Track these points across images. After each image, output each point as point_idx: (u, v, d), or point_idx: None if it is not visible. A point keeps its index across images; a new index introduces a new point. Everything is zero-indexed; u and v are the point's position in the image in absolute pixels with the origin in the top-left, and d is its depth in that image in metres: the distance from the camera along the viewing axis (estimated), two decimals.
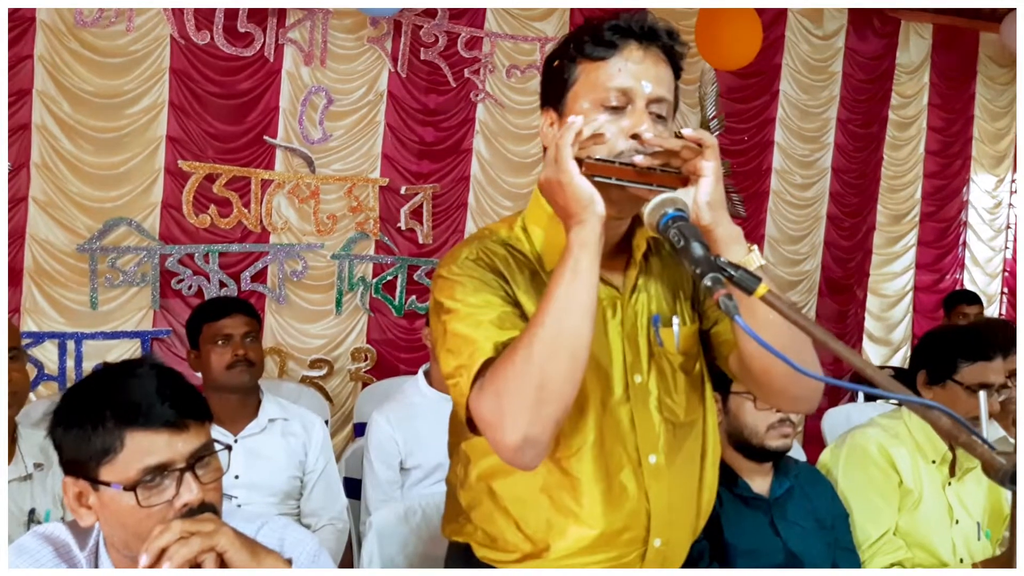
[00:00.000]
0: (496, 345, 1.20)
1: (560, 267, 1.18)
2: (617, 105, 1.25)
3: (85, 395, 1.26)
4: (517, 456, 1.16)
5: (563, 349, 1.14)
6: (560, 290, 1.16)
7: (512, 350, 1.16)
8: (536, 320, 1.16)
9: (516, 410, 1.13)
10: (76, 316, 3.74)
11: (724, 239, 1.22)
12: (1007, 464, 0.97)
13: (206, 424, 1.28)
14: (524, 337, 1.16)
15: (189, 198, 3.88)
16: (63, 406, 1.26)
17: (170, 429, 1.22)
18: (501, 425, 1.14)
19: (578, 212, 1.18)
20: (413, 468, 2.73)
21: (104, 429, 1.21)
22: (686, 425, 1.40)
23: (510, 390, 1.14)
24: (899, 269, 5.70)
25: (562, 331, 1.14)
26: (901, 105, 5.53)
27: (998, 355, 2.02)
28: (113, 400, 1.22)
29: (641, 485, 1.34)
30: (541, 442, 1.16)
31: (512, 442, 1.14)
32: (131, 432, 1.21)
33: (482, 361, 1.19)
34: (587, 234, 1.18)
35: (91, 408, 1.23)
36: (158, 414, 1.21)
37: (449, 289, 1.29)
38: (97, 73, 3.69)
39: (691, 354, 1.41)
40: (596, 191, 1.18)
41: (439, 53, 4.31)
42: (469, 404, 1.19)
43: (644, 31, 1.27)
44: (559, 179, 1.19)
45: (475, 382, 1.19)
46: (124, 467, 1.20)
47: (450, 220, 4.45)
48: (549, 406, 1.14)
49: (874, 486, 2.03)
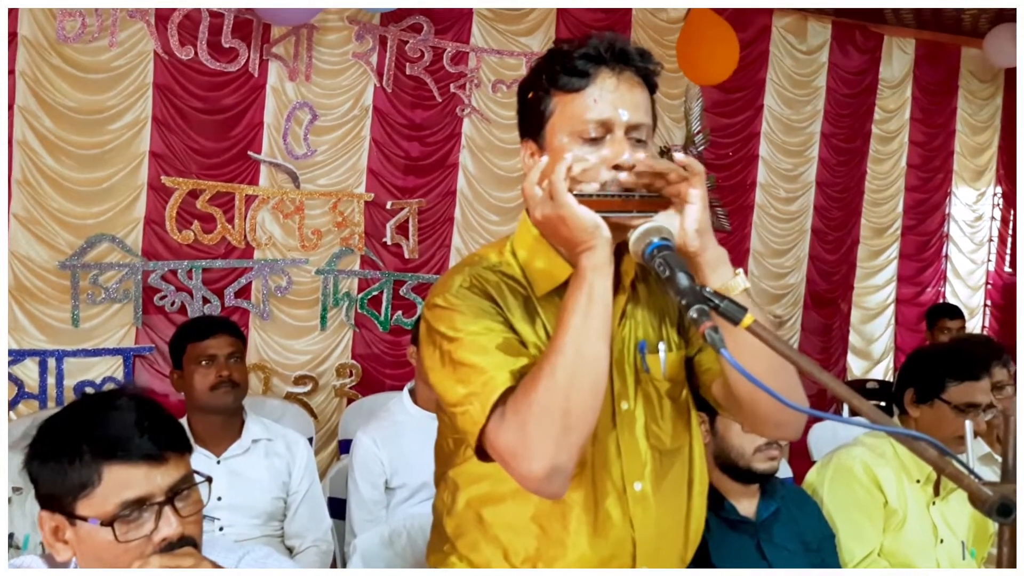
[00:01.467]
0: (512, 373, 1.20)
1: (575, 293, 1.19)
2: (596, 136, 1.25)
3: (62, 427, 1.24)
4: (544, 485, 1.17)
5: (585, 376, 1.16)
6: (577, 317, 1.17)
7: (533, 379, 1.16)
8: (555, 347, 1.16)
9: (542, 439, 1.14)
10: (57, 333, 3.70)
11: (711, 263, 1.24)
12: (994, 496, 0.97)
13: (186, 456, 1.26)
14: (545, 365, 1.16)
15: (172, 214, 3.85)
16: (39, 439, 1.24)
17: (149, 462, 1.20)
18: (527, 455, 1.15)
19: (586, 239, 1.19)
20: (398, 487, 2.70)
21: (81, 463, 1.19)
22: (672, 452, 1.39)
23: (535, 420, 1.14)
24: (881, 282, 5.73)
25: (583, 357, 1.16)
26: (884, 119, 5.58)
27: (985, 374, 2.04)
28: (90, 433, 1.20)
29: (626, 513, 1.33)
30: (567, 469, 1.17)
31: (540, 471, 1.15)
32: (108, 465, 1.19)
33: (501, 390, 1.19)
34: (598, 258, 1.19)
35: (68, 441, 1.21)
36: (136, 447, 1.19)
37: (448, 319, 1.28)
38: (79, 89, 3.66)
39: (677, 381, 1.41)
40: (599, 217, 1.18)
41: (425, 68, 4.31)
42: (486, 433, 1.19)
43: (615, 55, 1.27)
44: (559, 213, 1.19)
45: (492, 411, 1.18)
46: (102, 501, 1.18)
47: (436, 235, 4.44)
48: (574, 433, 1.15)
49: (859, 506, 2.03)
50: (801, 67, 5.25)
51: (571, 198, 1.19)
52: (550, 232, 1.25)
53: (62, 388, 3.68)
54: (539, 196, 1.23)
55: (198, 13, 3.80)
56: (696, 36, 4.25)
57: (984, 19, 5.23)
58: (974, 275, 6.05)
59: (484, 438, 1.19)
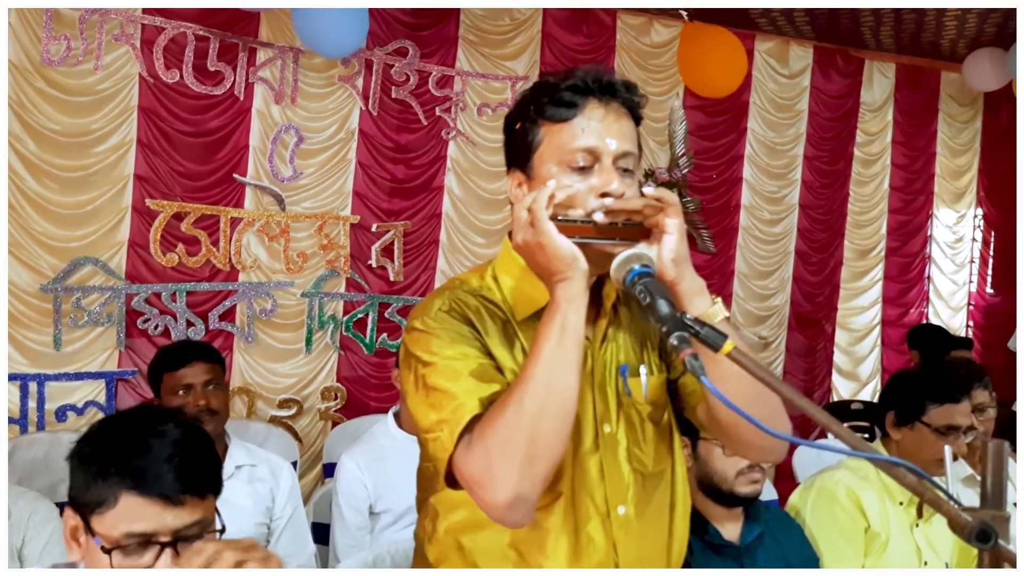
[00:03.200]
0: (481, 400, 1.20)
1: (548, 323, 1.19)
2: (584, 165, 1.27)
3: (105, 437, 1.27)
4: (507, 514, 1.16)
5: (553, 406, 1.15)
6: (549, 346, 1.17)
7: (501, 407, 1.16)
8: (525, 376, 1.16)
9: (506, 468, 1.13)
10: (39, 357, 3.66)
11: (688, 293, 1.24)
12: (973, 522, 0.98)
13: (207, 499, 1.27)
14: (514, 393, 1.16)
15: (157, 237, 3.84)
16: (87, 437, 1.27)
17: (164, 501, 1.21)
18: (491, 484, 1.14)
19: (563, 269, 1.19)
20: (383, 512, 2.69)
21: (104, 482, 1.21)
22: (655, 475, 1.39)
23: (500, 448, 1.14)
24: (866, 303, 5.77)
25: (552, 388, 1.15)
26: (866, 142, 5.64)
27: (965, 397, 2.05)
28: (123, 455, 1.23)
29: (609, 537, 1.33)
30: (531, 499, 1.16)
31: (503, 500, 1.14)
32: (127, 494, 1.21)
33: (469, 417, 1.19)
34: (574, 290, 1.19)
35: (103, 454, 1.23)
36: (157, 483, 1.21)
37: (424, 342, 1.28)
38: (64, 112, 3.65)
39: (659, 404, 1.41)
40: (577, 248, 1.19)
41: (410, 91, 4.33)
42: (454, 460, 1.19)
43: (602, 87, 1.29)
44: (538, 241, 1.20)
45: (460, 438, 1.18)
46: (112, 524, 1.21)
47: (421, 257, 4.45)
48: (539, 463, 1.15)
49: (841, 531, 2.04)
50: (784, 91, 5.31)
51: (551, 226, 1.19)
52: (529, 258, 1.25)
53: (43, 412, 3.64)
54: (522, 221, 1.24)
55: (184, 37, 3.81)
56: (699, 49, 4.26)
57: (962, 44, 5.31)
58: (956, 296, 6.10)
59: (452, 465, 1.20)
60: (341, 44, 3.81)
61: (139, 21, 3.74)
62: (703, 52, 4.28)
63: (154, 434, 1.25)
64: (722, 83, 4.41)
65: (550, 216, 1.21)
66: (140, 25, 3.75)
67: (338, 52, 3.91)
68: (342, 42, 3.79)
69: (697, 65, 4.30)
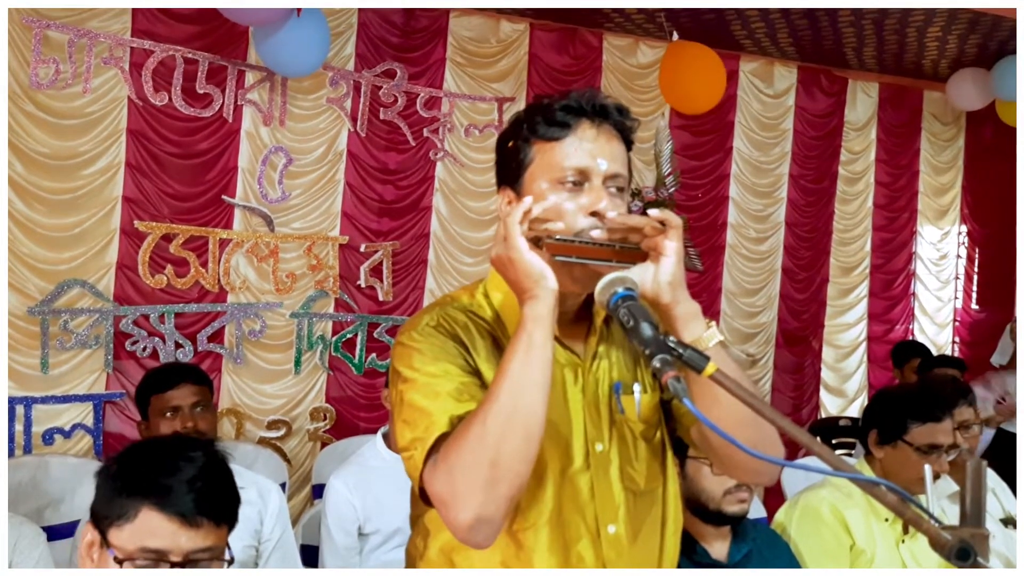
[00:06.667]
0: (452, 419, 1.20)
1: (514, 343, 1.19)
2: (575, 183, 1.28)
3: (135, 458, 1.30)
4: (470, 535, 1.16)
5: (517, 427, 1.14)
6: (514, 366, 1.17)
7: (465, 426, 1.16)
8: (490, 396, 1.16)
9: (469, 489, 1.13)
10: (26, 380, 3.64)
11: (683, 317, 1.24)
12: (952, 540, 0.99)
13: (223, 528, 1.29)
14: (478, 413, 1.16)
15: (145, 258, 3.83)
16: (118, 457, 1.31)
17: (182, 520, 1.23)
18: (454, 504, 1.14)
19: (530, 287, 1.20)
20: (372, 533, 2.68)
21: (127, 495, 1.24)
22: (647, 494, 1.39)
23: (463, 468, 1.13)
24: (852, 320, 5.81)
25: (516, 408, 1.15)
26: (850, 161, 5.69)
27: (947, 416, 2.07)
28: (148, 472, 1.26)
29: (599, 556, 1.33)
30: (495, 521, 1.15)
31: (465, 521, 1.13)
32: (147, 508, 1.23)
33: (437, 435, 1.19)
34: (540, 309, 1.19)
35: (128, 473, 1.26)
36: (177, 501, 1.23)
37: (408, 357, 1.29)
38: (53, 135, 3.66)
39: (652, 422, 1.41)
40: (547, 266, 1.20)
41: (398, 113, 4.35)
42: (423, 479, 1.19)
43: (595, 109, 1.31)
44: (509, 255, 1.21)
45: (429, 457, 1.18)
46: (129, 538, 1.23)
47: (410, 277, 4.46)
48: (502, 485, 1.13)
49: (825, 549, 2.04)
50: (768, 110, 5.37)
51: (523, 242, 1.20)
52: (502, 273, 1.26)
53: (30, 435, 3.62)
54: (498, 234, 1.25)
55: (172, 59, 3.83)
56: (679, 67, 4.31)
57: (944, 63, 5.39)
58: (941, 312, 6.15)
59: (423, 484, 1.20)
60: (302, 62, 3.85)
61: (128, 44, 3.76)
62: (683, 69, 4.32)
63: (183, 457, 1.28)
64: (702, 100, 4.45)
65: (547, 235, 1.22)
66: (129, 48, 3.77)
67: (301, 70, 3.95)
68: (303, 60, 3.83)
69: (678, 83, 4.34)
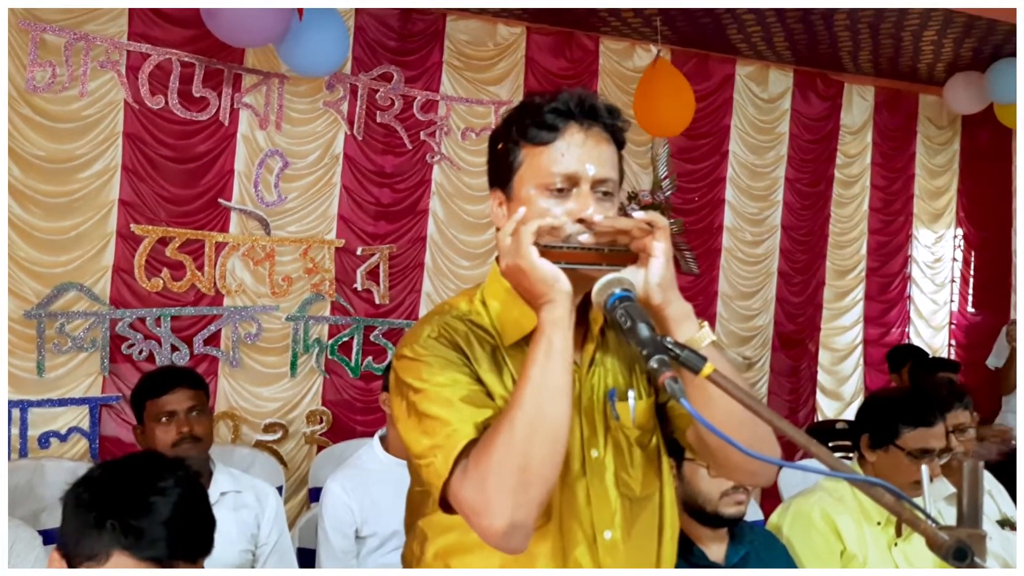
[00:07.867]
0: (476, 425, 1.21)
1: (534, 348, 1.20)
2: (562, 188, 1.28)
3: (106, 486, 1.25)
4: (504, 541, 1.16)
5: (544, 431, 1.16)
6: (536, 371, 1.18)
7: (493, 433, 1.17)
8: (515, 402, 1.17)
9: (501, 495, 1.14)
10: (22, 383, 3.63)
11: (675, 317, 1.24)
12: (950, 540, 0.99)
13: (199, 562, 1.28)
14: (504, 421, 1.16)
15: (141, 262, 3.83)
16: (87, 481, 1.26)
17: (156, 565, 1.22)
18: (487, 511, 1.15)
19: (545, 291, 1.21)
20: (369, 536, 2.68)
21: (99, 535, 1.21)
22: (643, 500, 1.39)
23: (494, 475, 1.14)
24: (848, 323, 5.82)
25: (541, 413, 1.16)
26: (845, 164, 5.71)
27: (939, 420, 2.06)
28: (121, 513, 1.22)
29: (596, 562, 1.33)
30: (527, 525, 1.16)
31: (499, 528, 1.14)
32: (119, 553, 1.20)
33: (464, 443, 1.19)
34: (558, 312, 1.20)
35: (100, 506, 1.22)
36: (151, 546, 1.21)
37: (415, 369, 1.28)
38: (49, 138, 3.65)
39: (647, 428, 1.41)
40: (560, 271, 1.21)
41: (395, 116, 4.36)
42: (450, 487, 1.19)
43: (584, 111, 1.30)
44: (519, 265, 1.22)
45: (456, 464, 1.19)
46: None
47: (407, 280, 4.46)
48: (533, 489, 1.15)
49: (816, 554, 2.04)
50: (764, 114, 5.38)
51: (533, 250, 1.21)
52: (515, 283, 1.26)
53: (26, 439, 3.61)
54: (508, 246, 1.25)
55: (169, 63, 3.83)
56: (653, 90, 4.34)
57: (939, 67, 5.41)
58: (937, 315, 6.17)
59: (448, 491, 1.20)
60: (323, 63, 3.86)
61: (124, 48, 3.76)
62: (655, 96, 4.35)
63: (155, 491, 1.24)
64: (672, 125, 4.47)
65: (534, 242, 1.22)
66: (125, 51, 3.76)
67: (321, 71, 3.96)
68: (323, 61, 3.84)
69: (651, 110, 4.36)
